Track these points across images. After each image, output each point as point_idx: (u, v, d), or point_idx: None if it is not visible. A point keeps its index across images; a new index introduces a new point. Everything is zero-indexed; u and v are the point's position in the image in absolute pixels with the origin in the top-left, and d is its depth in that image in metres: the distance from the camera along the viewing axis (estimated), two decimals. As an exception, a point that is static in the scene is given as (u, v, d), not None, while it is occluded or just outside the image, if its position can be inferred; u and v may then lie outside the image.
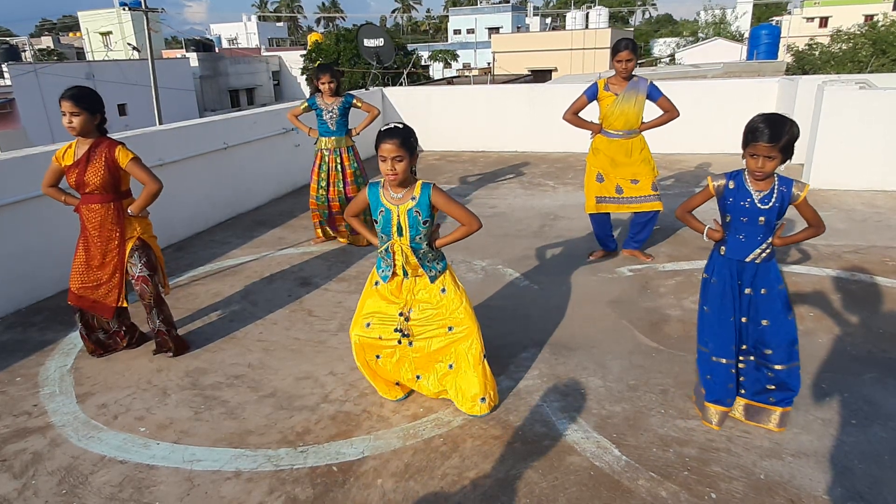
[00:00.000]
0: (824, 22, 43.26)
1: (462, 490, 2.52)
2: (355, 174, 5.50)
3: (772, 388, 2.74)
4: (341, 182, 5.46)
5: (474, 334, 2.93)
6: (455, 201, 2.84)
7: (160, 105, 21.38)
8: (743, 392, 2.83)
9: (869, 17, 29.77)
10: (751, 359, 2.79)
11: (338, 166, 5.45)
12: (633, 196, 4.77)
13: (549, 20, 58.01)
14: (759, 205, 2.56)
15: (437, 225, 2.95)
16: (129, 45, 34.74)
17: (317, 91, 5.45)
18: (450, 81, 23.44)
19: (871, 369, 3.28)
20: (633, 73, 4.65)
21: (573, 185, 7.55)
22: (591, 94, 4.72)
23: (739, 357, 2.79)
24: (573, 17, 44.91)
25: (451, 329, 2.92)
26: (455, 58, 39.57)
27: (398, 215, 2.78)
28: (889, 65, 21.94)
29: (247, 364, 3.61)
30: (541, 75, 29.50)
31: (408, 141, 2.69)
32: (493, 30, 46.82)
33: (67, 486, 2.63)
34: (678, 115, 4.71)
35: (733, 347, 2.76)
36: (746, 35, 38.07)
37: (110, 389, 3.38)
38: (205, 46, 42.13)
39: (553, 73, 32.42)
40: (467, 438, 2.84)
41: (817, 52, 25.35)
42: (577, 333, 3.81)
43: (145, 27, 22.43)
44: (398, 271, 2.91)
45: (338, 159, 5.45)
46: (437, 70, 38.56)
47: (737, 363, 2.80)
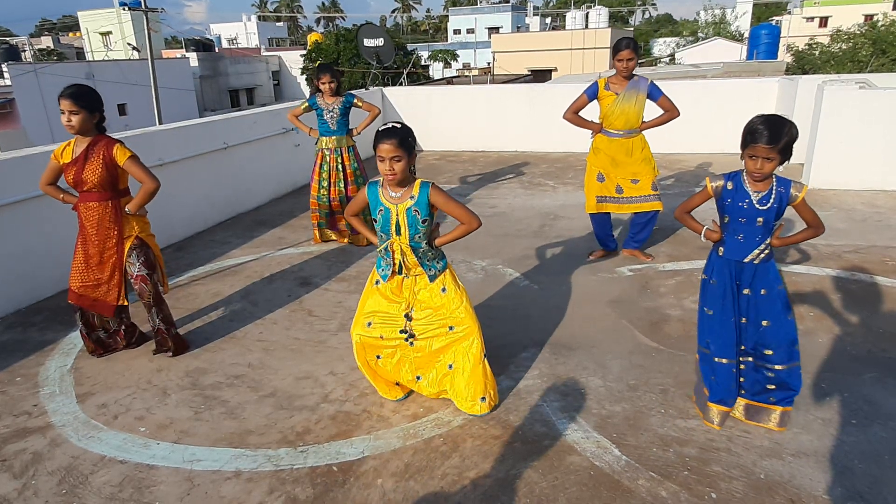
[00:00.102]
0: (824, 22, 43.27)
1: (462, 490, 2.52)
2: (355, 174, 5.51)
3: (772, 387, 2.74)
4: (342, 182, 5.47)
5: (475, 333, 2.93)
6: (454, 200, 2.84)
7: (160, 105, 21.39)
8: (743, 392, 2.83)
9: (869, 17, 29.77)
10: (749, 360, 2.79)
11: (339, 166, 5.45)
12: (633, 196, 4.78)
13: (548, 20, 58.00)
14: (757, 206, 2.56)
15: (437, 224, 2.95)
16: (129, 45, 34.73)
17: (317, 91, 5.45)
18: (450, 81, 23.45)
19: (871, 369, 3.28)
20: (634, 72, 4.65)
21: (573, 185, 7.55)
22: (592, 94, 4.72)
23: (739, 357, 2.79)
24: (573, 16, 44.88)
25: (451, 328, 2.92)
26: (455, 58, 39.57)
27: (397, 214, 2.78)
28: (889, 64, 21.95)
29: (247, 364, 3.61)
30: (541, 75, 29.49)
31: (406, 141, 2.68)
32: (493, 30, 46.81)
33: (67, 486, 2.63)
34: (678, 115, 4.72)
35: (735, 348, 2.76)
36: (746, 35, 38.09)
37: (110, 389, 3.38)
38: (205, 46, 42.10)
39: (553, 73, 32.42)
40: (467, 438, 2.84)
41: (817, 52, 25.37)
42: (577, 333, 3.81)
43: (145, 27, 22.43)
44: (397, 270, 2.91)
45: (339, 159, 5.45)
46: (436, 70, 38.55)
47: (738, 363, 2.80)
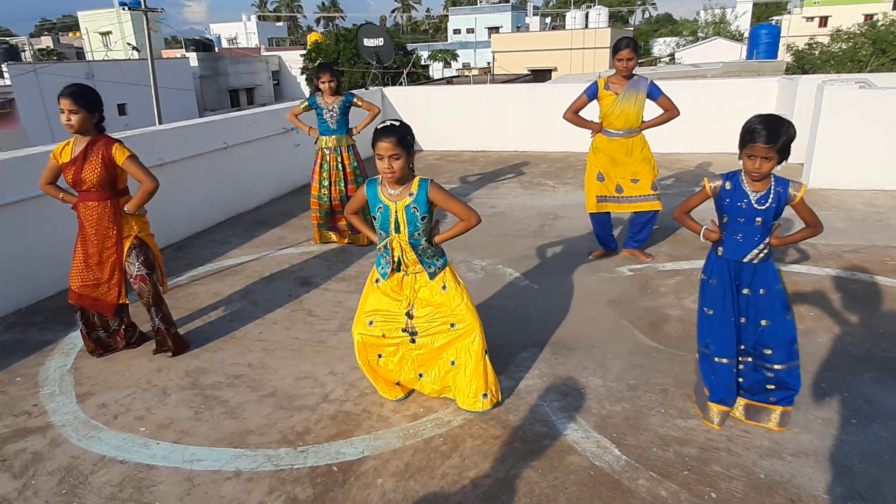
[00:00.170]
0: (824, 21, 43.26)
1: (462, 490, 2.52)
2: (355, 173, 5.51)
3: (771, 387, 2.74)
4: (342, 181, 5.47)
5: (476, 330, 2.93)
6: (453, 197, 2.84)
7: (160, 105, 21.38)
8: (742, 392, 2.84)
9: (869, 17, 29.77)
10: (749, 360, 2.79)
11: (339, 165, 5.45)
12: (633, 196, 4.78)
13: (548, 20, 57.97)
14: (755, 205, 2.57)
15: (437, 221, 2.96)
16: (129, 44, 34.73)
17: (317, 90, 5.45)
18: (449, 81, 23.43)
19: (871, 369, 3.28)
20: (633, 72, 4.65)
21: (573, 185, 7.55)
22: (592, 94, 4.72)
23: (739, 357, 2.79)
24: (573, 16, 44.85)
25: (453, 326, 2.92)
26: (455, 57, 39.57)
27: (396, 212, 2.79)
28: (889, 64, 21.96)
29: (247, 364, 3.61)
30: (541, 75, 29.48)
31: (404, 138, 2.68)
32: (493, 29, 46.80)
33: (67, 486, 2.63)
34: (678, 114, 4.72)
35: (734, 347, 2.76)
36: (746, 34, 38.10)
37: (110, 389, 3.38)
38: (204, 46, 42.08)
39: (553, 73, 32.41)
40: (467, 438, 2.84)
41: (817, 52, 25.37)
42: (577, 333, 3.81)
43: (145, 27, 22.43)
44: (396, 267, 2.91)
45: (338, 158, 5.45)
46: (436, 70, 38.55)
47: (738, 363, 2.80)
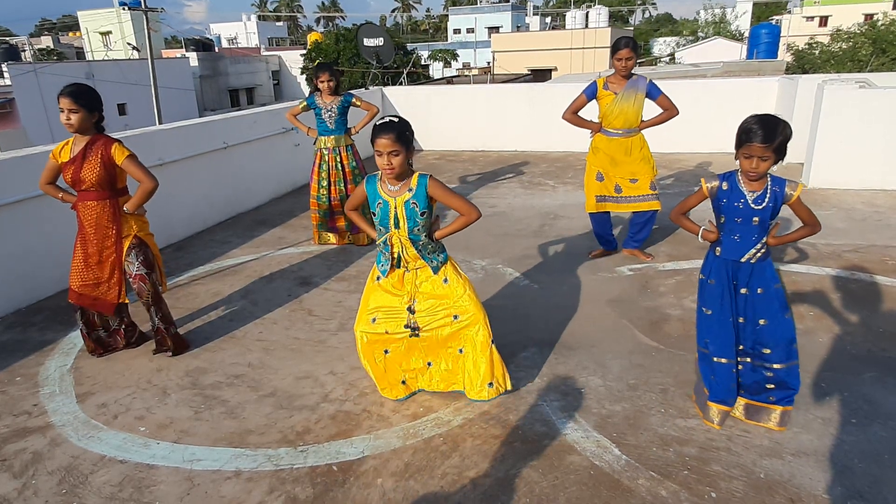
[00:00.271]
0: (824, 21, 43.25)
1: (462, 489, 2.52)
2: (354, 172, 5.51)
3: (771, 387, 2.74)
4: (342, 181, 5.47)
5: (480, 321, 2.94)
6: (452, 192, 2.84)
7: (160, 105, 21.38)
8: (742, 392, 2.84)
9: (869, 17, 29.76)
10: (748, 359, 2.79)
11: (338, 165, 5.45)
12: (632, 195, 4.78)
13: (548, 19, 57.97)
14: (752, 205, 2.58)
15: (437, 217, 2.96)
16: (129, 44, 34.73)
17: (316, 90, 5.45)
18: (449, 81, 23.44)
19: (871, 368, 3.28)
20: (633, 71, 4.65)
21: (573, 185, 7.55)
22: (591, 93, 4.72)
23: (741, 357, 2.79)
24: (573, 16, 44.84)
25: (456, 318, 2.93)
26: (455, 57, 39.56)
27: (395, 207, 2.79)
28: (889, 64, 21.95)
29: (247, 363, 3.61)
30: (540, 75, 29.49)
31: (403, 135, 2.69)
32: (493, 29, 46.79)
33: (67, 486, 2.63)
34: (677, 114, 4.72)
35: (734, 347, 2.76)
36: (746, 34, 38.07)
37: (110, 389, 3.38)
38: (204, 46, 42.09)
39: (553, 73, 32.41)
40: (467, 438, 2.84)
41: (817, 52, 25.34)
42: (577, 333, 3.81)
43: (145, 27, 22.43)
44: (395, 263, 2.92)
45: (337, 158, 5.45)
46: (436, 69, 38.55)
47: (737, 363, 2.80)
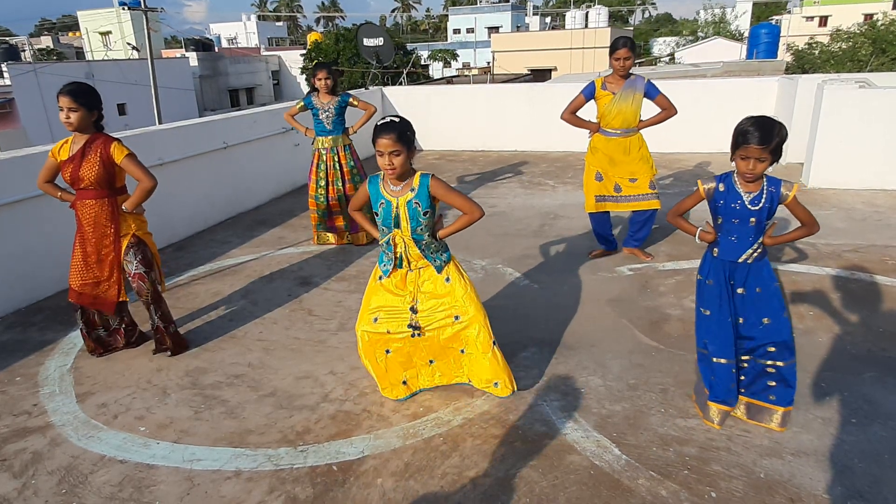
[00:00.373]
0: (824, 21, 43.25)
1: (462, 489, 2.52)
2: (353, 172, 5.51)
3: (772, 384, 2.74)
4: (340, 181, 5.46)
5: (479, 321, 2.94)
6: (454, 190, 2.84)
7: (160, 105, 21.38)
8: (743, 391, 2.84)
9: (868, 16, 29.74)
10: (751, 358, 2.78)
11: (336, 165, 5.45)
12: (632, 195, 4.78)
13: (548, 19, 57.98)
14: (749, 206, 2.59)
15: (440, 216, 2.95)
16: (129, 44, 34.73)
17: (314, 90, 5.45)
18: (449, 81, 23.45)
19: (871, 368, 3.28)
20: (631, 71, 4.66)
21: (573, 185, 7.55)
22: (589, 93, 4.73)
23: (742, 357, 2.79)
24: (573, 16, 44.87)
25: (457, 318, 2.93)
26: (455, 57, 39.57)
27: (398, 207, 2.79)
28: (889, 64, 21.95)
29: (247, 363, 3.61)
30: (540, 74, 29.49)
31: (404, 135, 2.68)
32: (493, 29, 46.80)
33: (67, 486, 2.63)
34: (676, 113, 4.72)
35: (732, 347, 2.77)
36: (746, 34, 38.05)
37: (110, 389, 3.38)
38: (204, 46, 42.09)
39: (553, 73, 32.41)
40: (467, 437, 2.84)
41: (817, 52, 25.33)
42: (577, 332, 3.81)
43: (145, 27, 22.42)
44: (398, 263, 2.92)
45: (335, 158, 5.45)
46: (436, 69, 38.56)
47: (737, 363, 2.80)
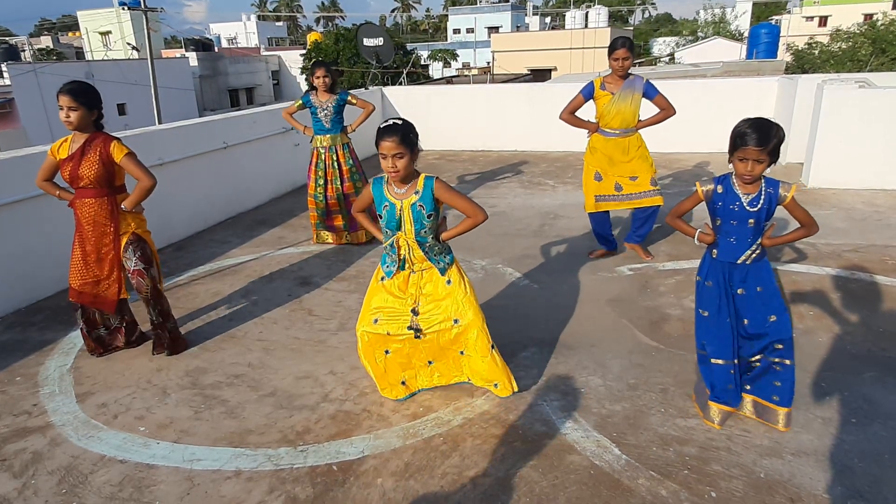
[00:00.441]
0: (824, 21, 43.25)
1: (462, 489, 2.52)
2: (351, 171, 5.50)
3: (777, 384, 2.73)
4: (338, 179, 5.46)
5: (478, 325, 2.94)
6: (459, 193, 2.84)
7: (160, 104, 21.37)
8: (748, 387, 2.84)
9: (868, 16, 29.74)
10: (760, 356, 2.78)
11: (334, 164, 5.44)
12: (633, 192, 4.77)
13: (548, 19, 57.96)
14: (747, 207, 2.60)
15: (443, 218, 2.95)
16: (129, 44, 34.73)
17: (312, 89, 5.45)
18: (449, 81, 23.45)
19: (871, 368, 3.28)
20: (630, 71, 4.66)
21: (573, 185, 7.55)
22: (588, 93, 4.73)
23: (755, 356, 2.78)
24: (573, 16, 44.86)
25: (456, 322, 2.93)
26: (454, 57, 39.57)
27: (402, 210, 2.79)
28: (888, 64, 21.95)
29: (247, 363, 3.61)
30: (540, 74, 29.49)
31: (407, 137, 2.68)
32: (493, 29, 46.79)
33: (67, 486, 2.63)
34: (674, 113, 4.72)
35: (731, 348, 2.77)
36: (746, 34, 38.05)
37: (110, 389, 3.38)
38: (204, 46, 42.09)
39: (552, 73, 32.42)
40: (467, 437, 2.84)
41: (817, 51, 25.33)
42: (577, 332, 3.81)
43: (144, 27, 22.41)
44: (401, 266, 2.92)
45: (334, 157, 5.45)
46: (436, 69, 38.56)
47: (748, 362, 2.81)
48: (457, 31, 52.66)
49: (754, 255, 2.67)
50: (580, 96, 4.74)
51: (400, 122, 2.71)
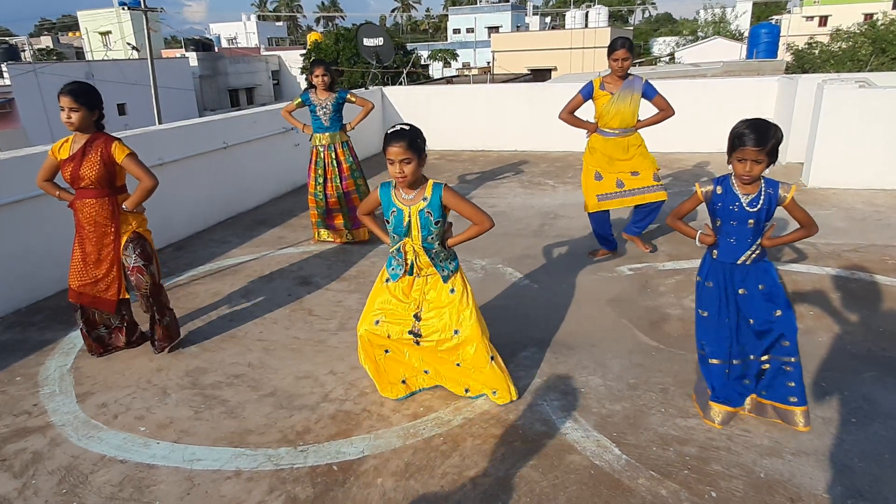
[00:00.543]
0: (824, 21, 43.25)
1: (462, 489, 2.52)
2: (351, 169, 5.50)
3: (791, 384, 2.72)
4: (338, 177, 5.46)
5: (477, 339, 2.93)
6: (466, 201, 2.85)
7: (160, 104, 21.37)
8: (765, 393, 2.80)
9: (868, 16, 29.73)
10: (769, 357, 2.77)
11: (333, 162, 5.44)
12: (636, 187, 4.76)
13: (548, 19, 57.99)
14: (747, 208, 2.61)
15: (450, 224, 2.96)
16: (129, 44, 34.74)
17: (311, 87, 5.45)
18: (449, 81, 23.45)
19: (871, 368, 3.28)
20: (630, 71, 4.66)
21: (573, 184, 7.55)
22: (587, 93, 4.73)
23: (764, 356, 2.78)
24: (573, 16, 44.88)
25: (457, 332, 2.93)
26: (454, 57, 39.58)
27: (410, 216, 2.79)
28: (888, 63, 21.94)
29: (247, 363, 3.61)
30: (540, 74, 29.50)
31: (415, 142, 2.68)
32: (493, 29, 46.81)
33: (67, 486, 2.63)
34: (673, 114, 4.72)
35: (727, 349, 2.77)
36: (746, 34, 38.05)
37: (110, 389, 3.38)
38: (204, 46, 42.08)
39: (553, 73, 32.42)
40: (467, 437, 2.84)
41: (817, 51, 25.32)
42: (577, 332, 3.81)
43: (144, 27, 22.42)
44: (409, 270, 2.92)
45: (333, 155, 5.45)
46: (436, 69, 38.56)
47: (744, 363, 2.81)
48: (457, 30, 52.67)
49: (754, 255, 2.68)
50: (579, 96, 4.74)
51: (407, 127, 2.71)
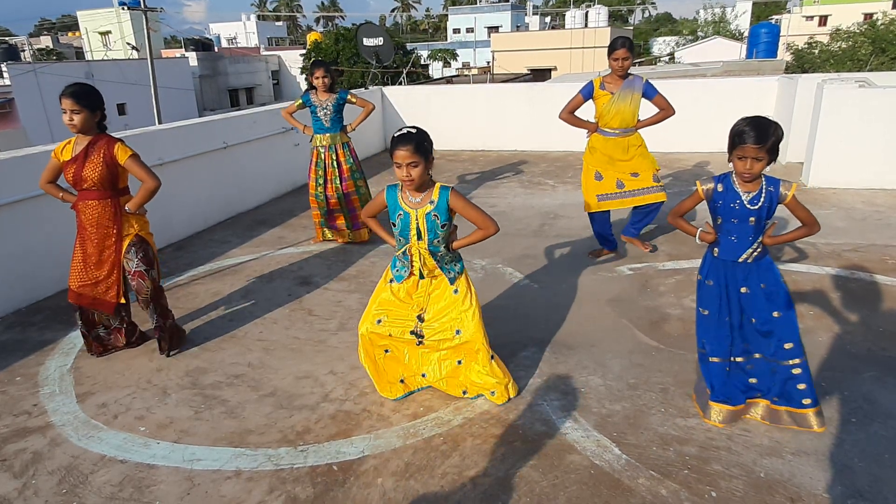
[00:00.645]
0: (823, 20, 43.25)
1: (462, 489, 2.52)
2: (352, 170, 5.50)
3: (802, 387, 2.71)
4: (338, 178, 5.46)
5: (479, 340, 2.94)
6: (473, 205, 2.86)
7: (159, 104, 21.37)
8: (776, 400, 2.79)
9: (868, 16, 29.72)
10: (773, 360, 2.75)
11: (334, 163, 5.44)
12: (636, 189, 4.76)
13: (548, 19, 57.99)
14: (748, 206, 2.60)
15: (455, 227, 2.96)
16: (129, 44, 34.73)
17: (311, 88, 5.45)
18: (449, 81, 23.44)
19: (871, 367, 3.28)
20: (630, 71, 4.66)
21: (573, 184, 7.55)
22: (587, 93, 4.73)
23: (770, 359, 2.77)
24: (572, 15, 44.89)
25: (458, 332, 2.94)
26: (454, 57, 39.57)
27: (416, 219, 2.79)
28: (888, 63, 21.94)
29: (247, 363, 3.61)
30: (540, 74, 29.50)
31: (422, 146, 2.69)
32: (493, 29, 46.79)
33: (67, 486, 2.63)
34: (673, 114, 4.72)
35: (727, 347, 2.77)
36: (746, 34, 38.05)
37: (110, 389, 3.38)
38: (204, 46, 42.10)
39: (552, 72, 32.42)
40: (467, 437, 2.84)
41: (817, 51, 25.32)
42: (577, 332, 3.81)
43: (144, 27, 22.42)
44: (415, 272, 2.93)
45: (333, 156, 5.45)
46: (436, 69, 38.56)
47: (747, 362, 2.80)
48: (457, 30, 52.66)
49: (755, 253, 2.67)
50: (579, 96, 4.74)
51: (414, 130, 2.71)
